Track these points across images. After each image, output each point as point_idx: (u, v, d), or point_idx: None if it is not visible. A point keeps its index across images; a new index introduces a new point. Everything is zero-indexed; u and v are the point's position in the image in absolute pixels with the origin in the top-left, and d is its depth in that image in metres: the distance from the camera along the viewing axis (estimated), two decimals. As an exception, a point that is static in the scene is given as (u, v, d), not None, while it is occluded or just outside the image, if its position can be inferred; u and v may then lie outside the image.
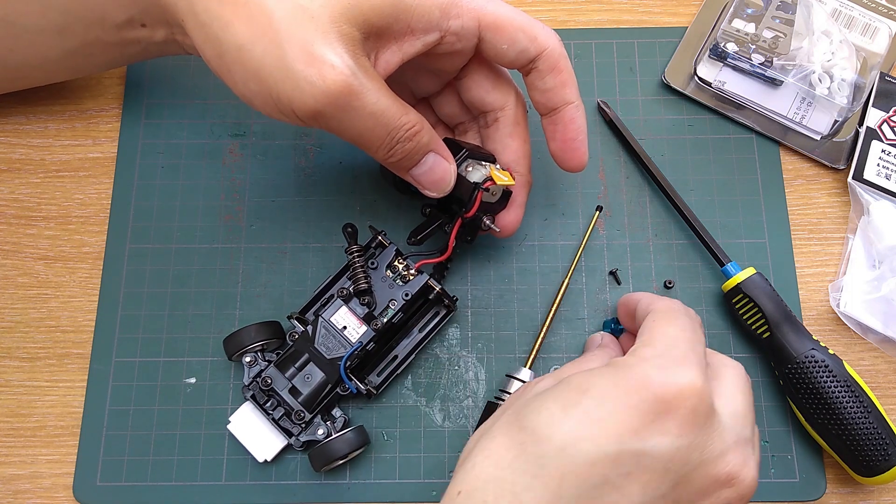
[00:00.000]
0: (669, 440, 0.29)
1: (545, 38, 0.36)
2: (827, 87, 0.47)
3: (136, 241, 0.46)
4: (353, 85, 0.32)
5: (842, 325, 0.44)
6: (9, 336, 0.45)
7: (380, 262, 0.42)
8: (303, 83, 0.32)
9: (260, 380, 0.40)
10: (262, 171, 0.47)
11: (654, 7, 0.51)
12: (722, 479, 0.30)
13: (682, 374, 0.30)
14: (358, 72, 0.32)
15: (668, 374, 0.30)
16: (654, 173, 0.46)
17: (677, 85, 0.49)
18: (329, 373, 0.40)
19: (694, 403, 0.29)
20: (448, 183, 0.37)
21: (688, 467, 0.29)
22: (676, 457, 0.29)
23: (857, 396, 0.40)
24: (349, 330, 0.40)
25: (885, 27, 0.49)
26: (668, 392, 0.29)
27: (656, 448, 0.29)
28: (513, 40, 0.35)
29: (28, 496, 0.42)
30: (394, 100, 0.34)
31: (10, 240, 0.46)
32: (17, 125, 0.49)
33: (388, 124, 0.34)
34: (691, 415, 0.29)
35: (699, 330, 0.34)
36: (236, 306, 0.45)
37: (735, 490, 0.30)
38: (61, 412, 0.43)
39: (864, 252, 0.45)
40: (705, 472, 0.30)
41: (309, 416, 0.40)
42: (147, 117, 0.49)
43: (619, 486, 0.28)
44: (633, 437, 0.29)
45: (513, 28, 0.35)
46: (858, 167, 0.46)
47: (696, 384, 0.30)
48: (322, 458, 0.39)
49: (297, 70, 0.32)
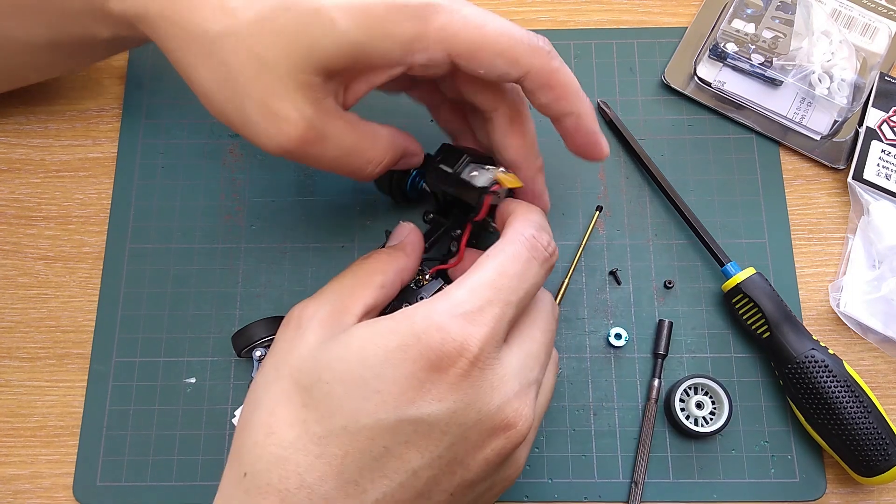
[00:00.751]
0: (444, 406, 0.29)
1: (528, 60, 0.34)
2: (827, 87, 0.47)
3: (137, 241, 0.46)
4: (309, 136, 0.33)
5: (842, 325, 0.44)
6: (9, 336, 0.45)
7: None
8: (262, 135, 0.33)
9: None
10: (262, 170, 0.47)
11: (654, 7, 0.51)
12: (497, 429, 0.30)
13: (463, 334, 0.29)
14: (316, 120, 0.33)
15: (446, 335, 0.29)
16: (654, 173, 0.46)
17: (677, 85, 0.49)
18: None
19: (466, 368, 0.29)
20: (414, 165, 0.40)
21: (464, 427, 0.30)
22: (452, 420, 0.29)
23: (857, 396, 0.40)
24: None
25: (884, 27, 0.49)
26: (443, 360, 0.29)
27: (432, 415, 0.29)
28: (490, 65, 0.33)
29: (28, 496, 0.42)
30: (360, 135, 0.35)
31: (10, 240, 0.46)
32: (17, 125, 0.49)
33: (353, 163, 0.35)
34: (464, 379, 0.29)
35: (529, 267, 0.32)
36: (236, 306, 0.45)
37: (507, 439, 0.30)
38: (61, 412, 0.43)
39: (864, 252, 0.45)
40: (481, 428, 0.30)
41: None
42: (147, 117, 0.49)
43: (398, 454, 0.29)
44: (410, 405, 0.29)
45: (489, 54, 0.33)
46: (858, 167, 0.46)
47: (472, 349, 0.29)
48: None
49: (256, 122, 0.33)
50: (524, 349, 0.32)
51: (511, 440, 0.30)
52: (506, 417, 0.30)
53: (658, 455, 0.42)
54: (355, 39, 0.32)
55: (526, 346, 0.32)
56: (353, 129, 0.35)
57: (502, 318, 0.31)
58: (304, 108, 0.33)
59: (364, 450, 0.29)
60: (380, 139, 0.36)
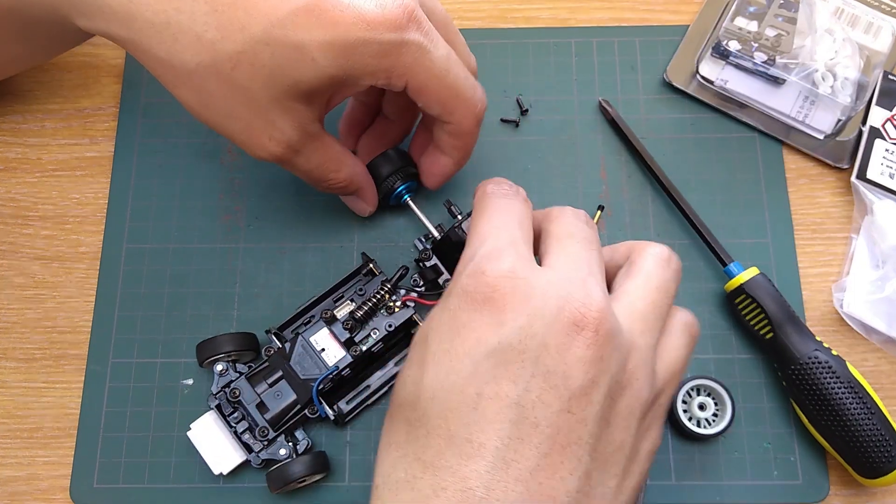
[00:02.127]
0: (508, 328, 0.29)
1: (460, 115, 0.38)
2: (830, 85, 0.47)
3: (134, 241, 0.46)
4: (288, 154, 0.37)
5: (845, 325, 0.44)
6: (5, 337, 0.44)
7: (367, 289, 0.42)
8: (247, 148, 0.37)
9: (228, 390, 0.40)
10: (261, 170, 0.47)
11: (656, 5, 0.51)
12: (571, 325, 0.29)
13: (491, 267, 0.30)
14: (297, 141, 0.37)
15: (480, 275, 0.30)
16: (657, 172, 0.46)
17: (679, 83, 0.48)
18: (301, 393, 0.39)
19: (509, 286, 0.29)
20: (364, 213, 0.45)
21: (537, 338, 0.28)
22: (523, 335, 0.28)
23: (860, 398, 0.39)
24: (327, 352, 0.40)
25: (888, 25, 0.49)
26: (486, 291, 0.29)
27: (503, 341, 0.28)
28: (429, 106, 0.37)
29: (25, 498, 0.42)
30: (327, 158, 0.39)
31: (6, 240, 0.46)
32: (13, 124, 0.48)
33: (320, 179, 0.40)
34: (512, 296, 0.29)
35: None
36: (234, 307, 0.44)
37: (588, 327, 0.29)
38: (58, 414, 0.43)
39: (868, 252, 0.45)
40: (554, 330, 0.29)
41: (273, 434, 0.39)
42: (144, 116, 0.48)
43: (493, 395, 0.28)
44: (479, 345, 0.29)
45: (433, 98, 0.36)
46: (862, 166, 0.46)
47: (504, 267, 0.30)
48: (280, 479, 0.38)
49: (241, 140, 0.36)
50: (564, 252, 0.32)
51: (591, 327, 0.29)
52: (571, 313, 0.29)
53: (660, 457, 0.42)
54: (333, 74, 0.34)
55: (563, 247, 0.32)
56: (325, 152, 0.39)
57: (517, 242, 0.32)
58: (287, 130, 0.36)
59: (459, 413, 0.28)
60: (344, 167, 0.40)
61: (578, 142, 0.48)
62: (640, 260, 0.33)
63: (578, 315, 0.29)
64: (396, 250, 0.45)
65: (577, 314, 0.29)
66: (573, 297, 0.29)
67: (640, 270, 0.33)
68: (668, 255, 0.34)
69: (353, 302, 0.41)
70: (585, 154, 0.47)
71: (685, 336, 0.33)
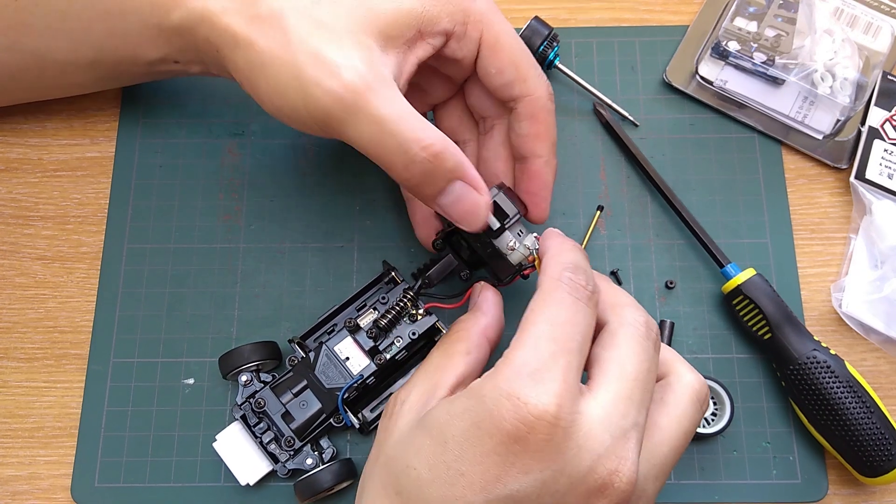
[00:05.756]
0: (532, 478, 0.28)
1: (534, 84, 0.36)
2: (829, 85, 0.47)
3: (134, 240, 0.46)
4: (358, 86, 0.32)
5: (844, 325, 0.44)
6: (6, 337, 0.44)
7: (390, 297, 0.41)
8: (312, 87, 0.32)
9: (253, 401, 0.40)
10: (261, 170, 0.47)
11: (656, 5, 0.51)
12: (594, 492, 0.28)
13: (535, 395, 0.28)
14: (368, 75, 0.32)
15: (517, 400, 0.28)
16: (651, 175, 0.46)
17: (679, 84, 0.48)
18: (326, 402, 0.39)
19: (547, 432, 0.27)
20: (479, 217, 0.34)
21: (557, 495, 0.28)
22: (543, 491, 0.28)
23: (859, 397, 0.39)
24: (352, 361, 0.39)
25: (887, 26, 0.49)
26: (521, 429, 0.27)
27: (521, 490, 0.28)
28: (502, 68, 0.35)
29: (26, 497, 0.42)
30: (409, 112, 0.32)
31: (7, 240, 0.46)
32: (14, 124, 0.48)
33: (399, 134, 0.32)
34: (547, 444, 0.27)
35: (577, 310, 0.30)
36: (234, 307, 0.44)
37: (609, 499, 0.28)
38: (59, 413, 0.43)
39: (867, 252, 0.45)
40: (576, 493, 0.28)
41: (299, 444, 0.39)
42: (145, 116, 0.48)
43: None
44: (498, 484, 0.28)
45: (507, 57, 0.35)
46: (861, 167, 0.46)
47: (549, 409, 0.27)
48: (308, 489, 0.38)
49: (307, 74, 0.32)
50: (611, 392, 0.29)
51: (615, 497, 0.28)
52: (599, 478, 0.28)
53: (659, 456, 0.42)
54: (411, 7, 0.33)
55: (612, 387, 0.30)
56: (404, 103, 0.33)
57: (569, 367, 0.29)
58: (357, 62, 0.32)
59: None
60: (432, 126, 0.33)
61: (578, 142, 0.48)
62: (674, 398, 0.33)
63: (607, 482, 0.28)
64: (397, 250, 0.45)
65: (605, 482, 0.28)
66: (607, 461, 0.28)
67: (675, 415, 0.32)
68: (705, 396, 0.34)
69: (375, 310, 0.40)
70: (585, 155, 0.47)
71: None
